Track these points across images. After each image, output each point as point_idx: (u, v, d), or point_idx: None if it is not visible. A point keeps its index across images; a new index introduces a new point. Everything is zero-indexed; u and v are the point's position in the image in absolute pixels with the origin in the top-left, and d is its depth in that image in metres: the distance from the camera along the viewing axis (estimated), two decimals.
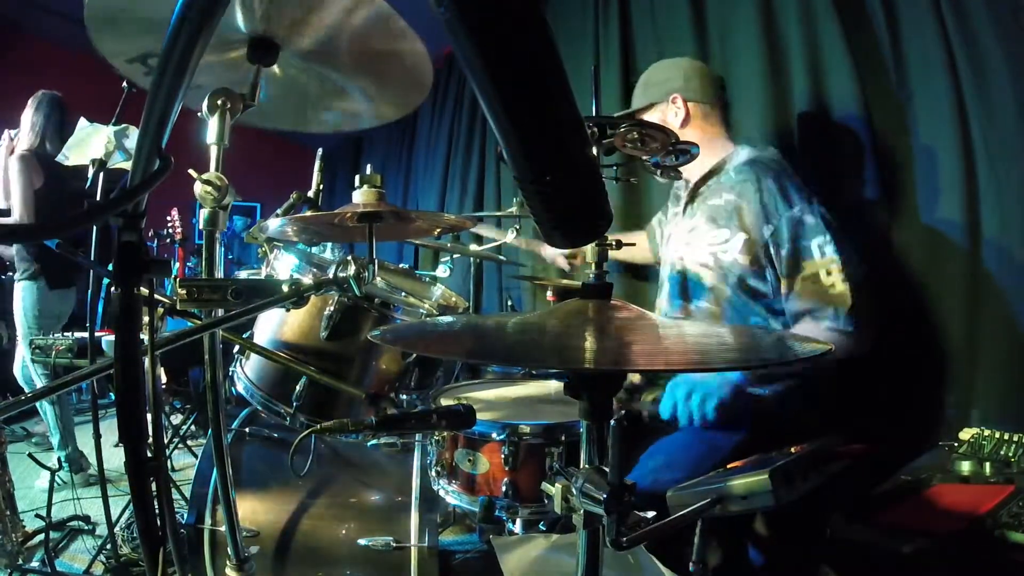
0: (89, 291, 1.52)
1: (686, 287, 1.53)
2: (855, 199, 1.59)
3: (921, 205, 1.49)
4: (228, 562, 1.02)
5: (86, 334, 2.21)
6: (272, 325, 1.35)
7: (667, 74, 1.59)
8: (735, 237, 1.41)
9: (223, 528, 1.01)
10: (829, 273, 1.31)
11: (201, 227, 0.86)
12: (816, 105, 1.69)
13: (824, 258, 1.31)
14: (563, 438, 1.15)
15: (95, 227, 1.50)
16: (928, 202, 1.48)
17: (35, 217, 2.65)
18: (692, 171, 1.56)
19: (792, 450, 0.91)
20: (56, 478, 2.05)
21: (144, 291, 0.61)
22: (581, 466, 0.64)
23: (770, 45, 1.82)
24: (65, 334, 2.43)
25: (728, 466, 0.95)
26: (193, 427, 3.02)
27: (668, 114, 1.56)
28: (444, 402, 1.28)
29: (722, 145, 1.55)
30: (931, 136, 1.46)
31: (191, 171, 0.82)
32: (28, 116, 2.73)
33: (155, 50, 0.91)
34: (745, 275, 1.40)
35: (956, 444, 1.12)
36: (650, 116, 1.58)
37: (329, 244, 1.63)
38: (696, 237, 1.50)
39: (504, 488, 1.15)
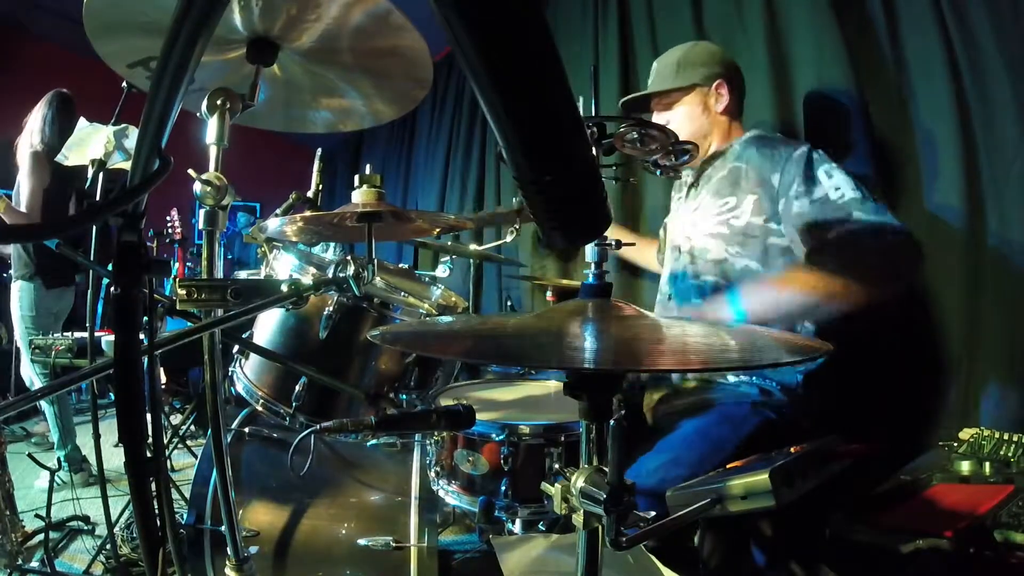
0: (89, 291, 1.52)
1: (695, 265, 1.51)
2: None
3: (922, 203, 1.49)
4: (227, 562, 1.02)
5: (86, 334, 2.21)
6: (272, 325, 1.35)
7: (708, 58, 1.55)
8: (744, 201, 1.40)
9: (223, 528, 1.00)
10: (838, 189, 1.27)
11: (200, 227, 0.87)
12: (817, 104, 1.69)
13: (831, 179, 1.29)
14: (563, 438, 1.15)
15: (94, 227, 1.50)
16: (929, 200, 1.48)
17: (43, 216, 2.65)
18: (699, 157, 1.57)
19: (792, 450, 0.91)
20: (56, 478, 2.05)
21: (143, 291, 0.61)
22: (581, 466, 0.64)
23: (770, 45, 1.82)
24: (65, 334, 2.43)
25: (728, 466, 0.95)
26: (192, 427, 3.02)
27: (710, 98, 1.53)
28: (444, 402, 1.28)
29: (735, 133, 1.56)
30: (931, 134, 1.47)
31: (191, 171, 0.82)
32: (38, 114, 2.73)
33: (156, 53, 0.91)
34: (766, 235, 1.38)
35: (956, 444, 1.12)
36: (688, 98, 1.55)
37: (331, 244, 1.63)
38: (701, 214, 1.50)
39: (504, 488, 1.14)
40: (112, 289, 0.59)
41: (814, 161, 1.32)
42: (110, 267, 0.59)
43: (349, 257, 0.93)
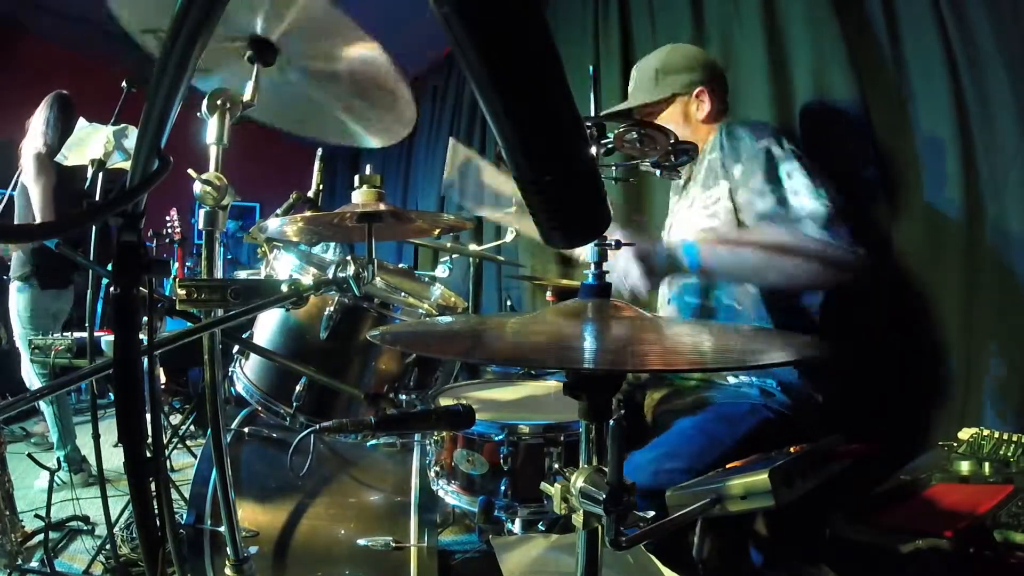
0: (88, 291, 1.51)
1: None
2: (856, 197, 1.58)
3: (922, 202, 1.49)
4: (227, 562, 1.02)
5: (85, 334, 2.20)
6: (272, 325, 1.35)
7: (687, 64, 1.53)
8: (721, 190, 1.40)
9: (222, 528, 1.00)
10: (796, 193, 1.28)
11: (200, 227, 0.86)
12: (816, 104, 1.69)
13: (791, 181, 1.29)
14: (562, 438, 1.15)
15: (94, 227, 1.50)
16: (928, 199, 1.48)
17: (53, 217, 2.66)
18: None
19: (792, 450, 0.91)
20: (55, 478, 2.05)
21: (143, 291, 0.61)
22: (580, 466, 0.64)
23: (769, 45, 1.82)
24: (64, 334, 2.43)
25: (728, 466, 0.95)
26: (192, 427, 3.02)
27: (691, 107, 1.52)
28: (443, 402, 1.28)
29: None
30: (931, 134, 1.47)
31: (191, 171, 0.82)
32: (39, 117, 2.73)
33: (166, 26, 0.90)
34: (731, 222, 1.38)
35: (955, 444, 1.12)
36: (669, 110, 1.53)
37: (331, 244, 1.64)
38: (694, 210, 1.50)
39: (503, 488, 1.14)
40: (112, 289, 0.59)
41: (776, 158, 1.32)
42: (110, 267, 0.59)
43: (349, 257, 0.93)
